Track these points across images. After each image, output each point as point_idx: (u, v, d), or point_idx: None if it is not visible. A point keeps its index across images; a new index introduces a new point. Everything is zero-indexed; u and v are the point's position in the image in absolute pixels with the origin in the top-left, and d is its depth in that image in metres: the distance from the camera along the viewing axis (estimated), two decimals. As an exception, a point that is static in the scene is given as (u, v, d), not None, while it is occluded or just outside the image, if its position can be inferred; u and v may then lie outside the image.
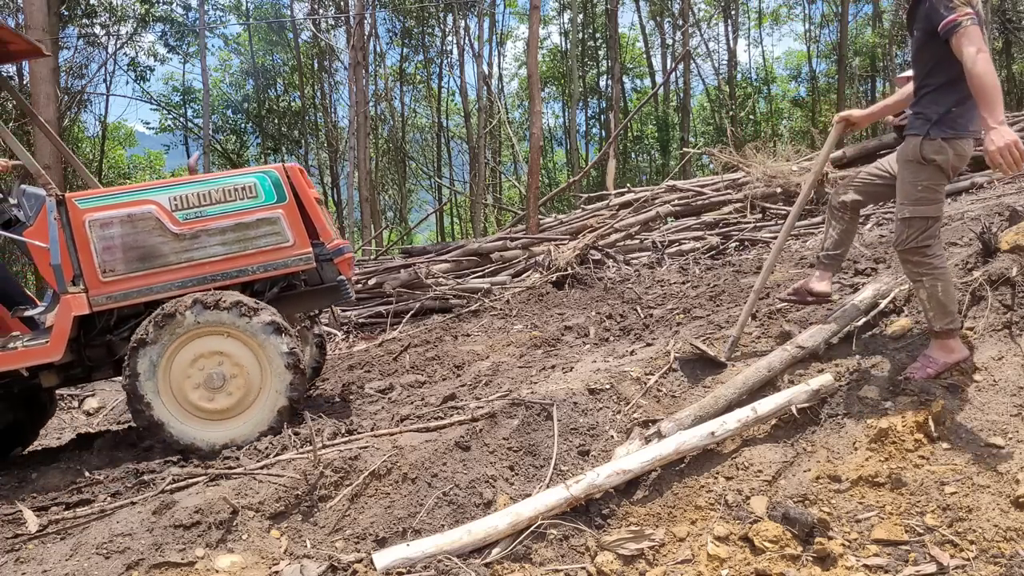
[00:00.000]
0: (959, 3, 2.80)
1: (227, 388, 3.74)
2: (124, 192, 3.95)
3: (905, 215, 3.08)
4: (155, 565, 2.60)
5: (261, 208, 4.00)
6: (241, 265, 3.96)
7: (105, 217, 3.79)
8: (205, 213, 3.93)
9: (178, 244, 3.87)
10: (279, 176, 4.07)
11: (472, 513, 2.86)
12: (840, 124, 3.55)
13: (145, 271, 3.83)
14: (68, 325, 3.68)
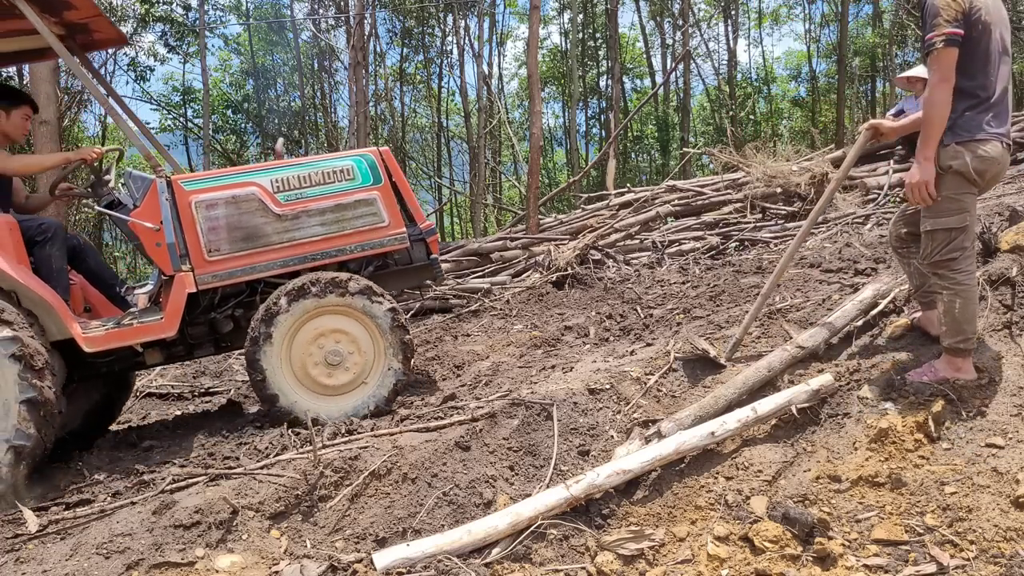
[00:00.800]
0: (943, 20, 2.80)
1: (344, 365, 3.95)
2: (228, 174, 4.08)
3: (927, 227, 3.01)
4: (155, 565, 2.60)
5: (358, 190, 4.16)
6: (340, 245, 4.12)
7: (210, 199, 3.92)
8: (305, 194, 4.07)
9: (280, 224, 4.01)
10: (375, 159, 4.24)
11: (472, 513, 2.86)
12: (868, 132, 3.44)
13: (248, 251, 3.97)
14: (182, 302, 3.80)
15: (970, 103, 2.91)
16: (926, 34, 2.88)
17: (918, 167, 2.95)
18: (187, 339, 4.15)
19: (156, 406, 5.18)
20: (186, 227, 3.86)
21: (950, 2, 2.80)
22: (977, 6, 2.83)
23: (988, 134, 2.92)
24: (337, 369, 3.94)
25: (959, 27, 2.80)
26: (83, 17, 3.91)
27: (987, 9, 2.86)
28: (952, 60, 2.83)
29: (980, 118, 2.92)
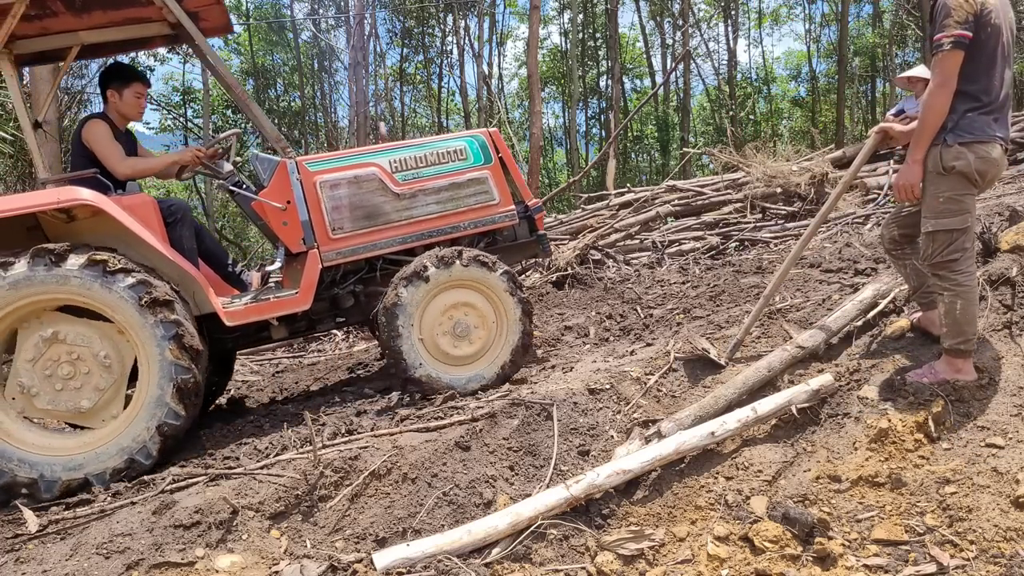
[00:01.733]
0: (953, 22, 2.78)
1: (470, 337, 4.11)
2: (349, 155, 4.23)
3: (928, 229, 3.00)
4: (155, 565, 2.60)
5: (471, 169, 4.35)
6: (454, 222, 4.31)
7: (334, 179, 4.09)
8: (422, 174, 4.25)
9: (399, 203, 4.19)
10: (485, 139, 4.43)
11: (472, 513, 2.86)
12: (879, 136, 3.42)
13: (369, 228, 4.14)
14: (316, 277, 3.99)
15: (973, 105, 2.90)
16: (934, 33, 2.86)
17: (907, 167, 2.97)
18: (309, 314, 4.25)
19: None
20: (311, 206, 4.03)
21: (963, 3, 2.78)
22: (988, 8, 2.81)
23: (990, 136, 2.91)
24: (463, 341, 4.11)
25: (968, 29, 2.78)
26: (203, 4, 4.00)
27: (997, 12, 2.84)
28: (956, 64, 2.82)
29: (983, 120, 2.91)
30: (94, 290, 3.39)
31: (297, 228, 4.01)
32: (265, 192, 4.00)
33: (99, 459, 3.41)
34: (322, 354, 6.60)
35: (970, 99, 2.90)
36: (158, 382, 3.48)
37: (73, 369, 3.49)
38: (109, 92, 4.18)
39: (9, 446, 3.35)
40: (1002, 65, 2.92)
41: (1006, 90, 2.97)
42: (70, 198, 3.48)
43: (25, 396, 3.45)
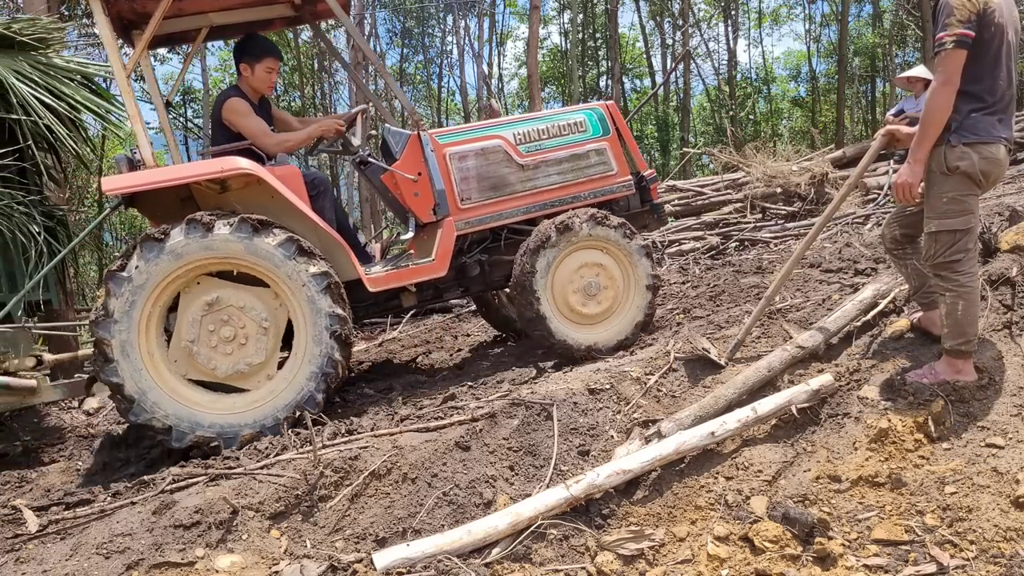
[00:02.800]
0: (956, 21, 2.76)
1: (599, 297, 4.28)
2: (475, 128, 4.43)
3: (931, 229, 2.99)
4: (155, 565, 2.60)
5: (590, 140, 4.51)
6: (575, 192, 4.47)
7: (462, 151, 4.27)
8: (544, 146, 4.42)
9: (523, 174, 4.37)
10: (604, 112, 4.60)
11: (472, 513, 2.86)
12: (884, 138, 3.38)
13: (496, 199, 4.32)
14: (452, 244, 4.18)
15: (976, 105, 2.89)
16: (936, 33, 2.84)
17: (908, 167, 2.94)
18: (437, 282, 4.39)
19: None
20: (442, 177, 4.21)
21: (965, 2, 2.76)
22: (992, 7, 2.79)
23: (994, 137, 2.90)
24: (592, 300, 4.28)
25: (971, 29, 2.76)
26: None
27: (1000, 11, 2.83)
28: (960, 63, 2.80)
29: (987, 120, 2.89)
30: (250, 252, 3.60)
31: (428, 199, 4.19)
32: (398, 164, 4.19)
33: (272, 413, 3.66)
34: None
35: (974, 99, 2.88)
36: (316, 334, 3.69)
37: (234, 332, 3.71)
38: (242, 66, 4.29)
39: (190, 409, 3.59)
40: (1006, 65, 2.91)
41: (1010, 90, 2.96)
42: (232, 167, 3.70)
43: (188, 358, 3.66)
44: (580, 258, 4.25)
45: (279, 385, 3.72)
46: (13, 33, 4.35)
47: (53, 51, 4.64)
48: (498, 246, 4.50)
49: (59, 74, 4.47)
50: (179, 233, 3.52)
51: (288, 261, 3.63)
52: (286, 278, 3.65)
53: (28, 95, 4.26)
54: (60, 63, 4.44)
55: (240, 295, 3.71)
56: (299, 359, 3.73)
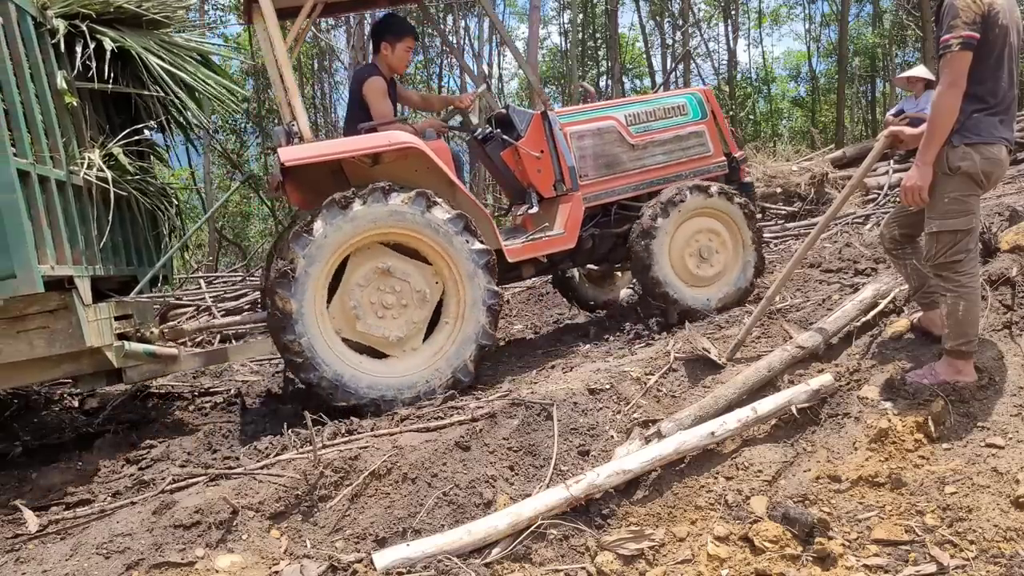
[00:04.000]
0: (961, 22, 2.75)
1: (712, 261, 4.61)
2: (592, 109, 4.73)
3: (932, 229, 2.98)
4: (155, 565, 2.60)
5: (691, 123, 4.84)
6: (676, 171, 4.78)
7: (581, 130, 4.57)
8: (652, 127, 4.74)
9: (633, 153, 4.68)
10: (702, 97, 4.94)
11: (472, 513, 2.86)
12: (888, 139, 3.36)
13: (609, 176, 4.63)
14: (580, 217, 4.45)
15: (979, 107, 2.88)
16: (941, 35, 2.84)
17: (917, 170, 2.94)
18: (552, 256, 4.60)
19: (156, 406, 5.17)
20: (562, 155, 4.46)
21: (970, 3, 2.75)
22: (996, 9, 2.79)
23: (996, 138, 2.90)
24: (705, 263, 4.59)
25: (976, 30, 2.76)
26: None
27: (1005, 12, 2.82)
28: (965, 64, 2.79)
29: (989, 121, 2.89)
30: (425, 224, 3.84)
31: (549, 175, 4.46)
32: (523, 142, 4.47)
33: (429, 379, 3.91)
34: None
35: (977, 100, 2.88)
36: (473, 307, 3.96)
37: (395, 300, 3.93)
38: (383, 44, 4.47)
39: (353, 370, 3.82)
40: (1009, 66, 2.90)
41: (1012, 92, 2.95)
42: (399, 141, 3.94)
43: (346, 318, 3.88)
44: (697, 224, 4.57)
45: (435, 354, 3.98)
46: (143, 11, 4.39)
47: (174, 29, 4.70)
48: (608, 221, 4.73)
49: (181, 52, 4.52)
50: (361, 201, 3.75)
51: (456, 236, 3.88)
52: (452, 251, 3.89)
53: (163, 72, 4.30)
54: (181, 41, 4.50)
55: (406, 267, 3.95)
56: (455, 330, 3.99)
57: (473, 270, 3.92)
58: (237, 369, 6.18)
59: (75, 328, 3.52)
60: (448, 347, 3.98)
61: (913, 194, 2.95)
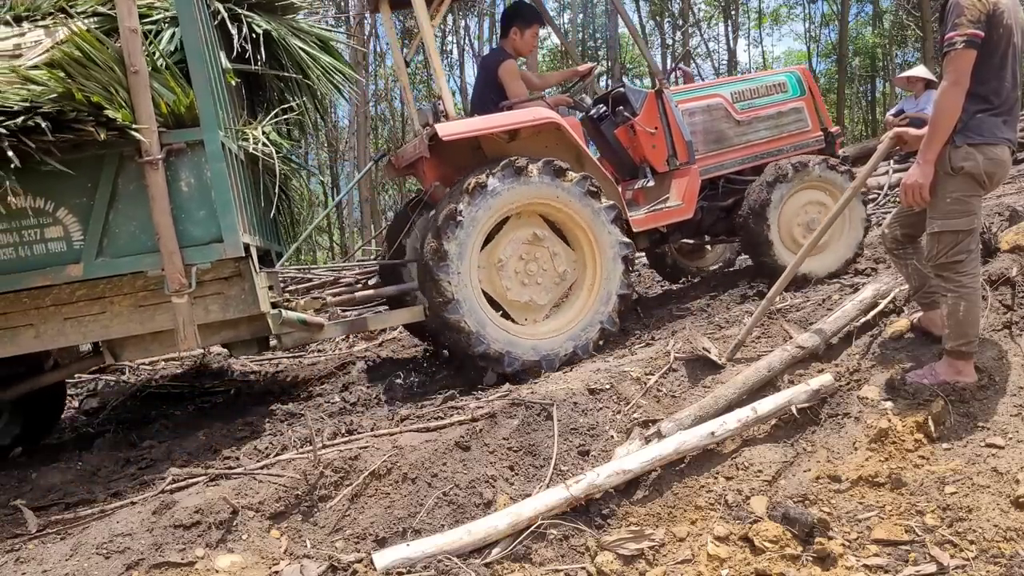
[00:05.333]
0: (966, 21, 2.74)
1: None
2: (700, 88, 5.11)
3: (934, 229, 2.97)
4: (155, 565, 2.60)
5: (791, 100, 5.10)
6: (779, 146, 5.03)
7: (692, 107, 4.83)
8: (755, 104, 4.99)
9: (739, 129, 4.95)
10: (800, 75, 5.22)
11: (472, 513, 2.86)
12: (892, 141, 3.35)
13: (717, 151, 4.90)
14: (697, 189, 4.68)
15: (982, 107, 2.88)
16: (946, 32, 2.82)
17: (918, 168, 2.93)
18: (662, 228, 4.83)
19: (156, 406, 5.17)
20: (674, 131, 4.69)
21: (975, 2, 2.75)
22: (1001, 8, 2.78)
23: (998, 138, 2.90)
24: (811, 234, 4.43)
25: (981, 29, 2.75)
26: None
27: (1009, 13, 2.82)
28: (969, 63, 2.78)
29: (992, 122, 2.89)
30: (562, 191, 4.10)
31: (663, 150, 4.71)
32: (639, 118, 4.73)
33: (580, 335, 4.20)
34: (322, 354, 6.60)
35: (981, 100, 2.87)
36: (610, 261, 4.24)
37: (538, 268, 4.23)
38: (513, 29, 4.76)
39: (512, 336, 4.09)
40: (1012, 67, 2.89)
41: (1015, 92, 2.95)
42: (542, 117, 4.24)
43: (489, 274, 4.15)
44: (805, 196, 4.75)
45: (580, 311, 4.26)
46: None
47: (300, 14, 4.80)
48: (714, 194, 4.94)
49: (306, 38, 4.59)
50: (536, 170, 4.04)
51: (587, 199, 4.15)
52: (585, 213, 4.15)
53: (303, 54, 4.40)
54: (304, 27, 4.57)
55: (554, 241, 4.27)
56: (595, 288, 4.26)
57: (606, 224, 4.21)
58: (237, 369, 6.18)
59: (248, 294, 3.66)
60: (591, 303, 4.25)
61: (914, 192, 2.95)
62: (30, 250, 3.33)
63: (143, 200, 3.34)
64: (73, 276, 3.34)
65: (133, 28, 3.26)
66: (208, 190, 3.40)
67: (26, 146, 2.96)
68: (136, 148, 3.27)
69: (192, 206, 3.41)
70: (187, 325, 3.45)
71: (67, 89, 3.11)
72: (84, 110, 3.11)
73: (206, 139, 3.39)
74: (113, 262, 3.39)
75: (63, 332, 3.52)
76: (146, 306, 3.55)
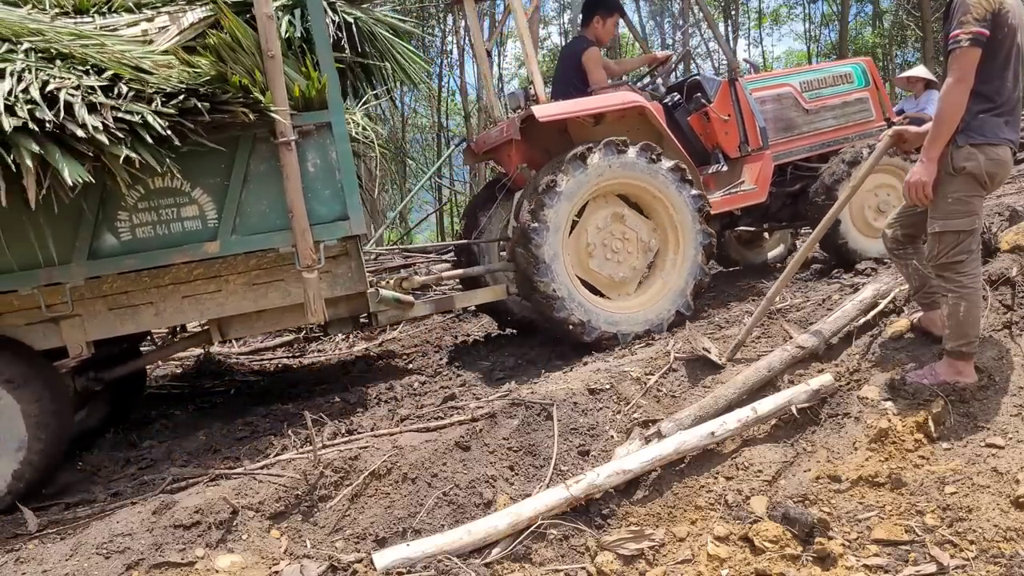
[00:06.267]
0: (972, 19, 2.74)
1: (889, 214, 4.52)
2: (771, 77, 5.32)
3: (935, 229, 2.97)
4: (155, 565, 2.60)
5: (856, 90, 5.31)
6: (844, 134, 5.21)
7: (763, 96, 5.04)
8: (823, 93, 5.17)
9: (807, 117, 5.14)
10: (865, 67, 5.41)
11: (472, 513, 2.86)
12: (891, 139, 3.33)
13: (787, 138, 5.08)
14: (770, 173, 4.87)
15: (985, 107, 2.87)
16: (951, 31, 2.82)
17: (921, 166, 2.92)
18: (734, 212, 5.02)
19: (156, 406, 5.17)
20: (747, 118, 4.90)
21: (981, 0, 2.74)
22: (1006, 8, 2.78)
23: (1000, 139, 2.89)
24: (882, 216, 4.86)
25: (986, 27, 2.74)
26: None
27: (1014, 12, 2.81)
28: (974, 61, 2.77)
29: (994, 122, 2.88)
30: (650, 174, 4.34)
31: (735, 137, 4.92)
32: (713, 106, 4.94)
33: (657, 314, 4.40)
34: (322, 354, 6.60)
35: (983, 100, 2.87)
36: (693, 247, 4.45)
37: (623, 246, 4.46)
38: (595, 18, 5.01)
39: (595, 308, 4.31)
40: (1015, 67, 2.89)
41: (1017, 92, 2.94)
42: (631, 100, 4.50)
43: (578, 257, 4.39)
44: (875, 180, 4.89)
45: (659, 291, 4.46)
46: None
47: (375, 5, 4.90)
48: (783, 180, 5.10)
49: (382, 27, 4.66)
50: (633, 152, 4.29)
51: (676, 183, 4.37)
52: (672, 197, 4.37)
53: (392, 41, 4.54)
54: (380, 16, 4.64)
55: (636, 218, 4.47)
56: (676, 269, 4.46)
57: (691, 214, 4.40)
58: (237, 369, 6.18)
59: (355, 272, 3.91)
60: (670, 284, 4.44)
61: (917, 190, 2.94)
62: (167, 228, 3.46)
63: (273, 180, 3.52)
64: (210, 253, 3.49)
65: (269, 14, 3.41)
66: (332, 171, 3.60)
67: (182, 127, 3.06)
68: (270, 130, 3.43)
69: (317, 186, 3.59)
70: (316, 299, 3.64)
71: (220, 72, 3.28)
72: (236, 93, 3.25)
73: (333, 121, 3.58)
74: (246, 239, 3.55)
75: (181, 310, 3.66)
76: (259, 284, 3.72)
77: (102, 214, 3.35)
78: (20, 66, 2.92)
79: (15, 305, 3.43)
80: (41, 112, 2.79)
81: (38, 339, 3.48)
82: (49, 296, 3.43)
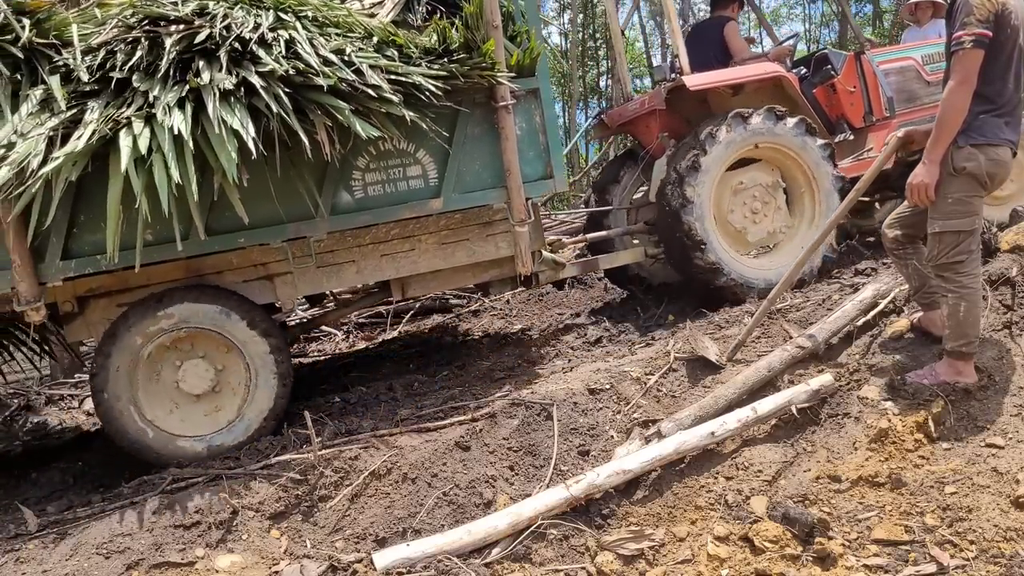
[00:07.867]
0: (975, 20, 2.74)
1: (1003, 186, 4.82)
2: (895, 51, 5.53)
3: (935, 229, 2.97)
4: (155, 565, 2.61)
5: None
6: None
7: (888, 68, 5.27)
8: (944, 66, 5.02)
9: (928, 89, 5.32)
10: None
11: (472, 513, 2.86)
12: (899, 140, 3.29)
13: (909, 109, 5.28)
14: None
15: (986, 107, 2.87)
16: (953, 31, 2.83)
17: (923, 167, 2.92)
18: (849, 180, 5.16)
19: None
20: (871, 90, 5.16)
21: (984, 1, 2.74)
22: (1009, 9, 2.78)
23: (1000, 139, 2.90)
24: None
25: (989, 28, 2.75)
26: None
27: (1016, 14, 2.81)
28: (977, 62, 2.78)
29: (995, 123, 2.89)
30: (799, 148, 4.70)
31: (859, 108, 5.18)
32: (840, 78, 5.23)
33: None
34: (322, 354, 6.60)
35: (984, 101, 2.87)
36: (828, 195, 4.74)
37: (761, 207, 4.84)
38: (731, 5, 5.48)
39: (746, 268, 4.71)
40: (1016, 69, 2.89)
41: (1018, 94, 2.94)
42: (772, 71, 4.87)
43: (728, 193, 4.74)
44: None
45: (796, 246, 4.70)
46: None
47: None
48: None
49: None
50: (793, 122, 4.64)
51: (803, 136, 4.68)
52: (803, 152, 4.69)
53: None
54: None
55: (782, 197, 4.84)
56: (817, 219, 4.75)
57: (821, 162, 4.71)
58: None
59: (535, 232, 4.15)
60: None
61: (919, 192, 2.94)
62: (394, 187, 3.76)
63: (487, 142, 3.83)
64: (435, 209, 3.80)
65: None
66: (537, 133, 3.93)
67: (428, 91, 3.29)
68: (488, 95, 3.73)
69: (524, 147, 3.89)
70: (525, 252, 3.98)
71: (467, 40, 3.57)
72: (480, 60, 3.54)
73: (542, 87, 3.92)
74: (465, 196, 3.84)
75: (380, 268, 3.90)
76: (447, 244, 3.97)
77: (340, 174, 3.62)
78: (304, 34, 3.16)
79: (234, 264, 3.67)
80: (343, 73, 3.06)
81: (256, 295, 3.72)
82: (267, 255, 3.69)
